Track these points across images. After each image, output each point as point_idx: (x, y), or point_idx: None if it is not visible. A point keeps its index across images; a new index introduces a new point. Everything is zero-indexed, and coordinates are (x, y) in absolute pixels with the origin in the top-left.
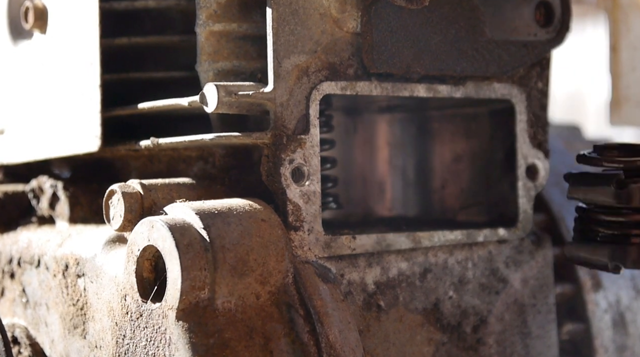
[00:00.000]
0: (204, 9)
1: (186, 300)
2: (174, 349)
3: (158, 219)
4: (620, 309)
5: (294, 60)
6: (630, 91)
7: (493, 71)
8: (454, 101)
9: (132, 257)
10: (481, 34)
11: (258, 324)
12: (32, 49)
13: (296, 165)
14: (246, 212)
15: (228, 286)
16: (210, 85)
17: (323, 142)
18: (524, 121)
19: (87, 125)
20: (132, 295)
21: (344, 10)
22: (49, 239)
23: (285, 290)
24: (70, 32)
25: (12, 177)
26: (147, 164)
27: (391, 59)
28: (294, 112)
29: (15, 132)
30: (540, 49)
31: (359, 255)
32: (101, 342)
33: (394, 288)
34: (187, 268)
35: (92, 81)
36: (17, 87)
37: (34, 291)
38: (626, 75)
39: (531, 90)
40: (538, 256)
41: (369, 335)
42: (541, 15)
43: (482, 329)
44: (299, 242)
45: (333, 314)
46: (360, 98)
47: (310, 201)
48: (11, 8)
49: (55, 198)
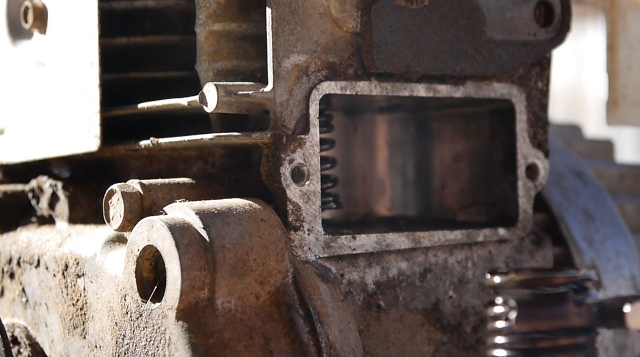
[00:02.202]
0: (203, 8)
1: (186, 300)
2: (173, 349)
3: (158, 219)
4: None
5: (294, 60)
6: (627, 91)
7: (493, 71)
8: (454, 101)
9: (132, 257)
10: (481, 34)
11: (258, 324)
12: (32, 49)
13: (296, 165)
14: (246, 212)
15: (228, 286)
16: (210, 85)
17: (323, 142)
18: (523, 121)
19: (87, 125)
20: (131, 295)
21: (344, 10)
22: (48, 239)
23: (285, 290)
24: (70, 32)
25: (11, 177)
26: (147, 164)
27: (391, 58)
28: (293, 112)
29: (15, 132)
30: (540, 48)
31: (359, 255)
32: (101, 342)
33: (394, 288)
34: (186, 268)
35: (91, 81)
36: (16, 87)
37: (33, 291)
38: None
39: (531, 90)
40: (538, 256)
41: (369, 335)
42: (541, 15)
43: (482, 329)
44: (299, 242)
45: (333, 314)
46: (360, 98)
47: (310, 200)
48: (10, 8)
49: (55, 198)
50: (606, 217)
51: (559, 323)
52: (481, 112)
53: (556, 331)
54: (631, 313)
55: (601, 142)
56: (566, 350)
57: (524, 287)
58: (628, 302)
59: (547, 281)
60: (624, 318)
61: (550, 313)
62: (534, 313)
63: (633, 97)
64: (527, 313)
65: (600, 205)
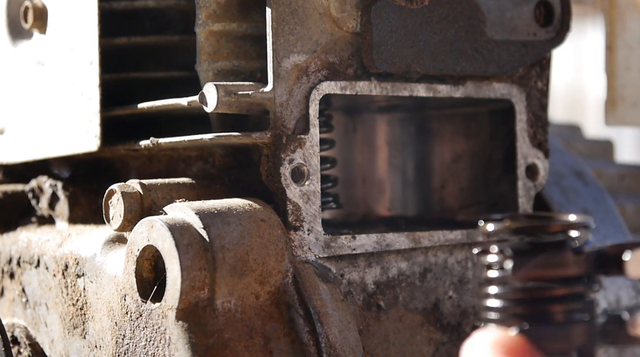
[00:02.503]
0: (203, 8)
1: (186, 300)
2: (173, 349)
3: (158, 219)
4: None
5: (294, 60)
6: (625, 91)
7: (493, 71)
8: (454, 101)
9: (132, 257)
10: (481, 34)
11: (258, 324)
12: (32, 49)
13: (296, 165)
14: (246, 212)
15: (228, 286)
16: (210, 85)
17: (323, 142)
18: (523, 121)
19: (87, 125)
20: (131, 295)
21: (344, 10)
22: (48, 239)
23: (285, 290)
24: (70, 32)
25: (11, 177)
26: (147, 164)
27: (391, 58)
28: (293, 112)
29: (15, 132)
30: (540, 48)
31: (359, 255)
32: (101, 342)
33: (393, 288)
34: (186, 268)
35: (91, 81)
36: (16, 87)
37: (33, 291)
38: (622, 75)
39: (531, 90)
40: None
41: (368, 335)
42: (541, 15)
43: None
44: (299, 242)
45: (333, 314)
46: (359, 98)
47: (310, 200)
48: (10, 8)
49: (55, 198)
50: (606, 217)
51: (556, 272)
52: (481, 112)
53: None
54: (631, 261)
55: (601, 142)
56: (563, 300)
57: (519, 235)
58: (628, 250)
59: (544, 229)
60: (623, 266)
61: (548, 262)
62: (531, 262)
63: (632, 97)
64: (524, 262)
65: (600, 205)
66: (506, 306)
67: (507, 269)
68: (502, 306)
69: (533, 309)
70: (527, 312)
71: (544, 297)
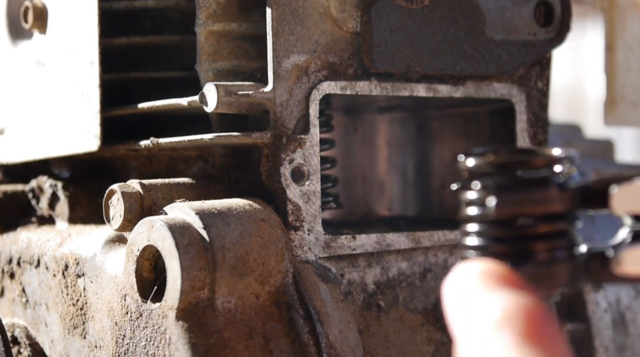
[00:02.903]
0: (203, 8)
1: (186, 300)
2: (173, 349)
3: (158, 219)
4: (621, 309)
5: (294, 60)
6: (625, 91)
7: (493, 71)
8: (454, 101)
9: (132, 257)
10: (481, 34)
11: (258, 324)
12: (32, 49)
13: (296, 165)
14: (246, 212)
15: (228, 286)
16: (210, 85)
17: (323, 142)
18: (523, 121)
19: (87, 125)
20: (131, 295)
21: (344, 10)
22: (48, 239)
23: (285, 290)
24: (70, 32)
25: (11, 177)
26: (147, 163)
27: (391, 58)
28: (293, 112)
29: (15, 132)
30: (540, 48)
31: (359, 255)
32: (101, 342)
33: (394, 288)
34: (186, 268)
35: (91, 81)
36: (16, 87)
37: (33, 291)
38: (621, 75)
39: (531, 90)
40: None
41: (369, 335)
42: (541, 15)
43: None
44: (299, 242)
45: (333, 314)
46: (360, 98)
47: (310, 200)
48: (10, 8)
49: (55, 198)
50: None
51: (540, 209)
52: (481, 112)
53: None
54: (617, 195)
55: (601, 142)
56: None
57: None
58: (614, 183)
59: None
60: (608, 200)
61: (532, 198)
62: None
63: (631, 97)
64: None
65: None
66: (487, 244)
67: (489, 206)
68: (483, 245)
69: (516, 248)
70: (510, 251)
71: (527, 235)
